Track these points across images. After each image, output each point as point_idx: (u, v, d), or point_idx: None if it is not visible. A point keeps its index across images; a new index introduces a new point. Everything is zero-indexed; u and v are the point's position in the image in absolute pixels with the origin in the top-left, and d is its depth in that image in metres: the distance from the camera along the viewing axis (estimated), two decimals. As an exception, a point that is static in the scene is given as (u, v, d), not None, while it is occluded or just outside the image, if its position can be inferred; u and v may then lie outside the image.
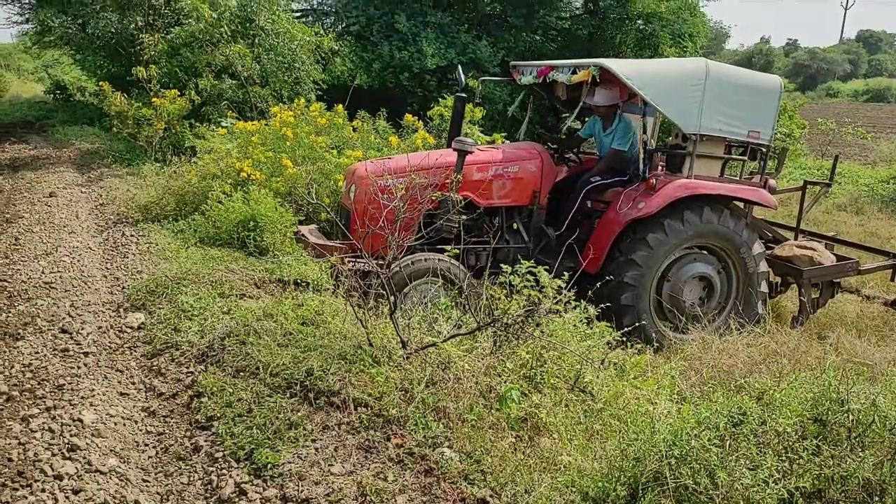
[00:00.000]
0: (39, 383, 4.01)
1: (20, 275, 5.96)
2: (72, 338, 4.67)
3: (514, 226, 6.58)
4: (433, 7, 17.51)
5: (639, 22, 19.08)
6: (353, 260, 5.70)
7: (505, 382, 3.86)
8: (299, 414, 3.56)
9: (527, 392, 3.87)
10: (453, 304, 4.95)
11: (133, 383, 4.17)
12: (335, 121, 9.43)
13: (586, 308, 4.72)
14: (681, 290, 6.42)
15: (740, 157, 6.76)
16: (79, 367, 4.25)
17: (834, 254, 7.21)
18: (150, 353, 4.53)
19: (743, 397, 3.00)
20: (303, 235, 6.47)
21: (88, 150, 13.17)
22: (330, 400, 3.66)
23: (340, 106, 9.91)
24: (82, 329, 4.81)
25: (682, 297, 6.45)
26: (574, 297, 4.71)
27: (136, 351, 4.60)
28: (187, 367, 4.22)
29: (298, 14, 18.38)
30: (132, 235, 7.30)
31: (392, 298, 4.26)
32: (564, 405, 3.87)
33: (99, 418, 3.64)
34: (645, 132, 6.39)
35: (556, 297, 4.58)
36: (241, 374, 3.96)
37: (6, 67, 35.32)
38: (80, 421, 3.58)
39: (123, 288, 5.72)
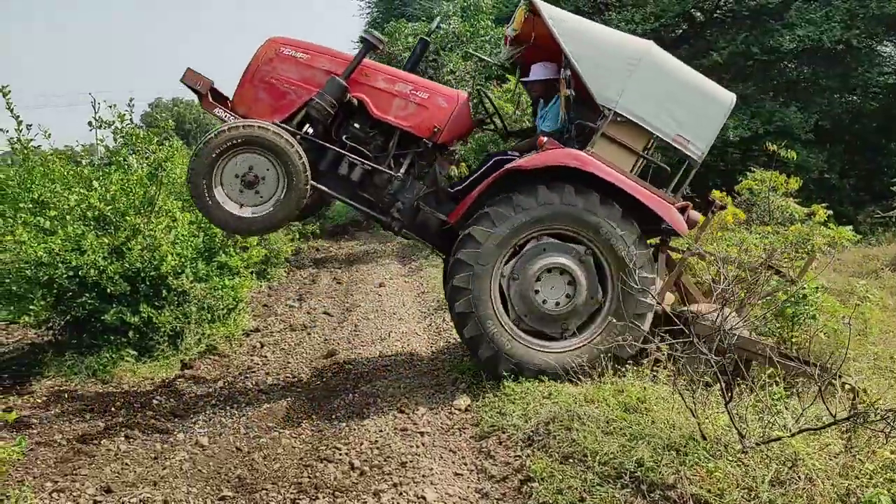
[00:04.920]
0: (385, 460, 4.36)
1: (361, 358, 6.66)
2: (408, 418, 5.05)
3: (404, 160, 5.76)
4: (733, 78, 16.85)
5: None
6: (218, 108, 5.50)
7: (868, 486, 3.36)
8: (633, 507, 3.42)
9: (897, 500, 3.33)
10: (790, 393, 4.49)
11: (465, 464, 4.35)
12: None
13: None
14: (531, 286, 5.30)
15: (658, 163, 5.81)
16: (417, 447, 4.56)
17: None
18: (478, 436, 4.71)
19: None
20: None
21: (408, 244, 14.54)
22: (665, 494, 3.47)
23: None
24: (417, 410, 5.18)
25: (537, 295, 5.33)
26: None
27: (465, 432, 4.82)
28: (514, 451, 4.30)
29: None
30: (451, 321, 7.81)
31: (722, 384, 3.98)
32: (953, 519, 3.25)
33: (439, 497, 3.84)
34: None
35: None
36: (569, 460, 3.93)
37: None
38: (424, 498, 3.80)
39: (449, 371, 6.09)
